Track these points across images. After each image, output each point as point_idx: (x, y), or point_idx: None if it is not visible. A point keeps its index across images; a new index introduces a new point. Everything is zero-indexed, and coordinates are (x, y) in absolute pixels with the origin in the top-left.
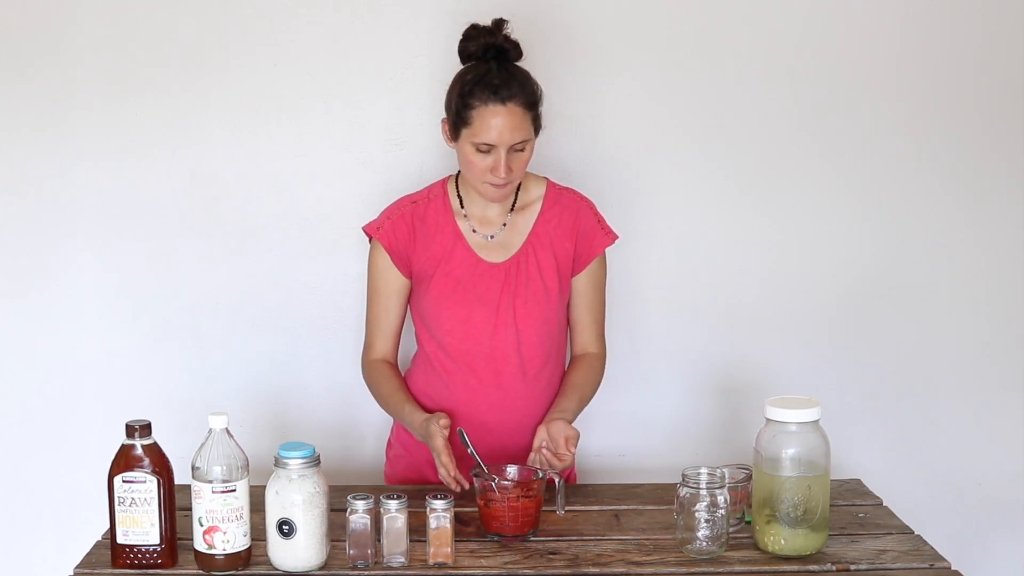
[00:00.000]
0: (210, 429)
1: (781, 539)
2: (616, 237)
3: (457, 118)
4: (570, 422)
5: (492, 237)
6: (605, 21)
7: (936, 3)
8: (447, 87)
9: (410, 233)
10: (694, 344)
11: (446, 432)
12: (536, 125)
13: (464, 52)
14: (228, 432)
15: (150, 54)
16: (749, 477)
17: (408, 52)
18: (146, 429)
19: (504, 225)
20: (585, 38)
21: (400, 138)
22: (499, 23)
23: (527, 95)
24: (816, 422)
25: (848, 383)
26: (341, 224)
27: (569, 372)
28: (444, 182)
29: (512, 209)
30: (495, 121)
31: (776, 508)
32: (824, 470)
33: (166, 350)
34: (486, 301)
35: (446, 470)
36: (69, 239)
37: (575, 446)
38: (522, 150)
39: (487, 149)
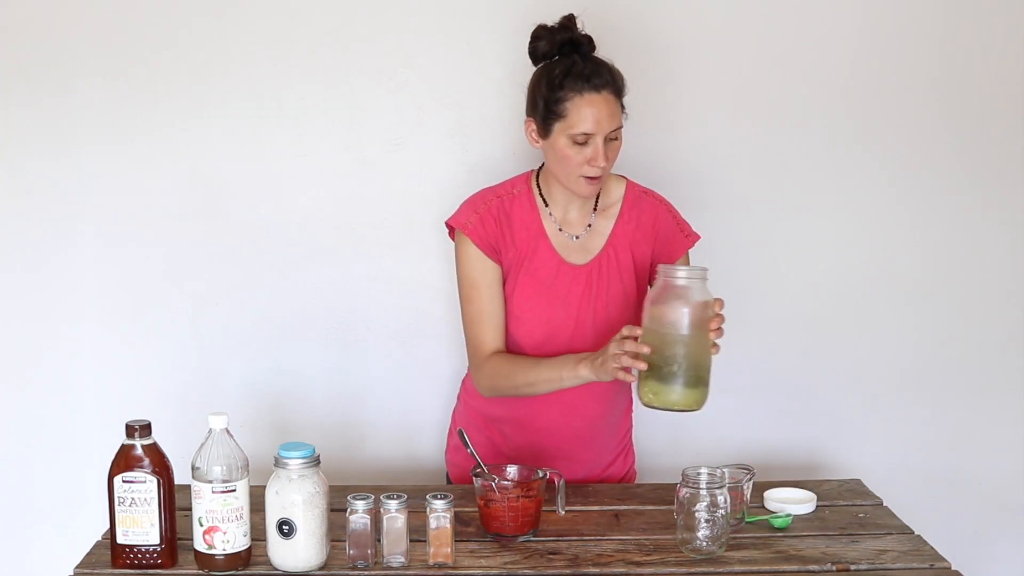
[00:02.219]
0: (210, 429)
1: (651, 392)
2: (697, 238)
3: (548, 113)
4: None
5: (577, 238)
6: (613, 27)
7: (940, 6)
8: (449, 91)
9: (497, 227)
10: None
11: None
12: (624, 114)
13: (535, 52)
14: (228, 432)
15: (150, 54)
16: (750, 477)
17: (408, 52)
18: (146, 429)
19: (589, 226)
20: (601, 42)
21: (400, 138)
22: (570, 18)
23: (616, 84)
24: (703, 282)
25: (849, 383)
26: (341, 224)
27: None
28: (527, 178)
29: (595, 209)
30: (592, 110)
31: (652, 360)
32: (706, 329)
33: (166, 350)
34: (568, 304)
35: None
36: (69, 239)
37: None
38: (615, 139)
39: (584, 140)
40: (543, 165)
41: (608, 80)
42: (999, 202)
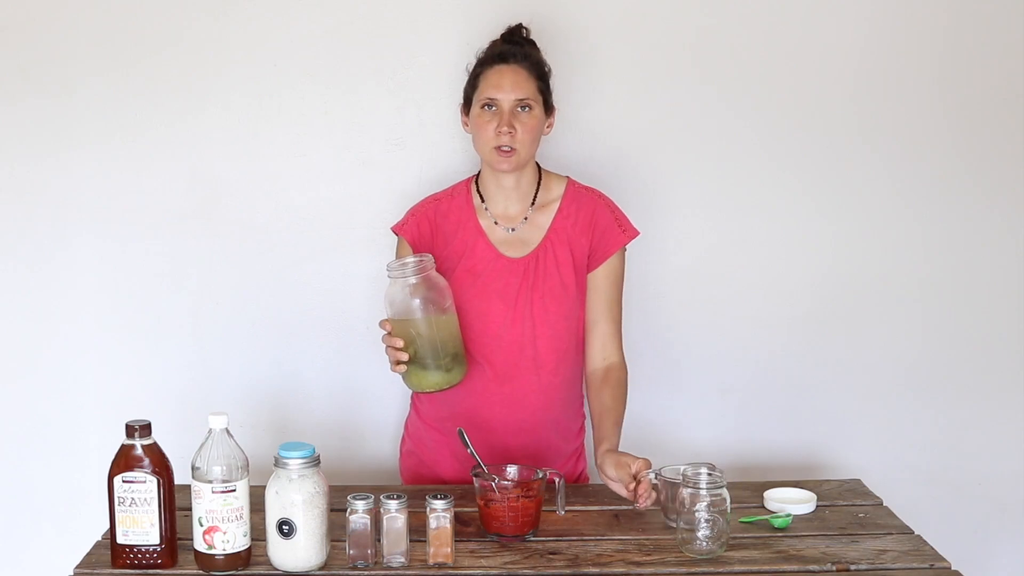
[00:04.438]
0: (210, 429)
1: (408, 379)
2: (636, 234)
3: (469, 88)
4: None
5: (513, 230)
6: (612, 23)
7: (932, 6)
8: (448, 90)
9: (431, 229)
10: (694, 344)
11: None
12: (544, 96)
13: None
14: (228, 432)
15: (150, 54)
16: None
17: (408, 52)
18: (146, 429)
19: (525, 219)
20: (592, 40)
21: (400, 138)
22: (516, 27)
23: (531, 61)
24: (423, 267)
25: (849, 383)
26: (341, 224)
27: (599, 394)
28: (468, 181)
29: (533, 204)
30: (497, 78)
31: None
32: (439, 310)
33: (166, 350)
34: (505, 296)
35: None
36: (69, 239)
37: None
38: (527, 110)
39: (491, 104)
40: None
41: (521, 58)
42: (1001, 202)
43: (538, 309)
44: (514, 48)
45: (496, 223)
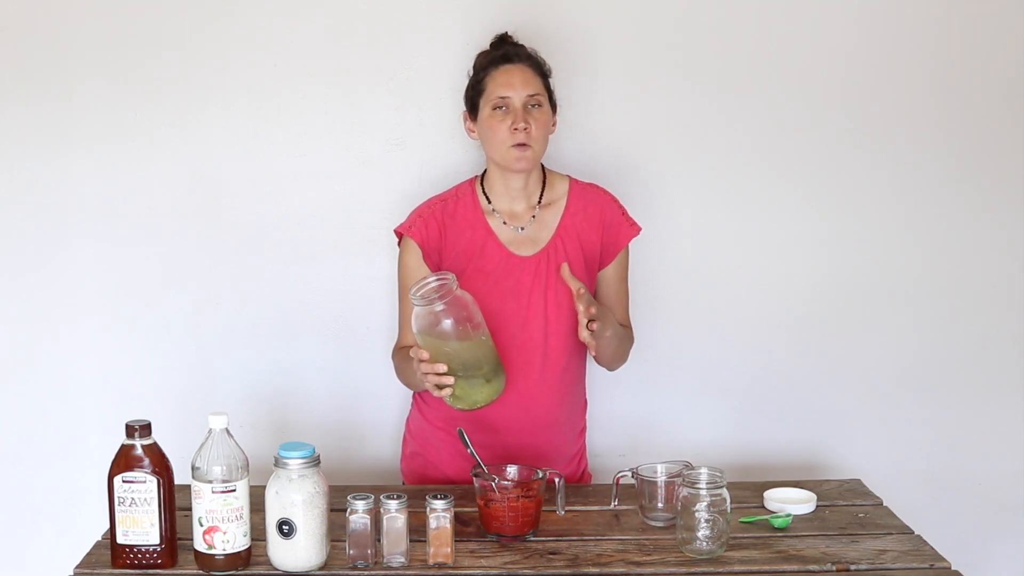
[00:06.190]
0: (210, 429)
1: (453, 399)
2: (639, 229)
3: (474, 93)
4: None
5: (522, 229)
6: (611, 25)
7: (927, 6)
8: (448, 90)
9: (440, 230)
10: (694, 344)
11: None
12: (549, 93)
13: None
14: (228, 432)
15: (150, 54)
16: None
17: (408, 52)
18: (146, 429)
19: (533, 218)
20: (591, 42)
21: (400, 138)
22: (504, 35)
23: (535, 61)
24: (446, 286)
25: (849, 383)
26: (341, 224)
27: None
28: (471, 181)
29: (539, 203)
30: (506, 77)
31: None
32: (472, 328)
33: (166, 350)
34: (518, 294)
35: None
36: (69, 239)
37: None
38: (538, 106)
39: (503, 104)
40: (486, 171)
41: (525, 57)
42: (998, 201)
43: (552, 306)
44: (516, 48)
45: (505, 223)
